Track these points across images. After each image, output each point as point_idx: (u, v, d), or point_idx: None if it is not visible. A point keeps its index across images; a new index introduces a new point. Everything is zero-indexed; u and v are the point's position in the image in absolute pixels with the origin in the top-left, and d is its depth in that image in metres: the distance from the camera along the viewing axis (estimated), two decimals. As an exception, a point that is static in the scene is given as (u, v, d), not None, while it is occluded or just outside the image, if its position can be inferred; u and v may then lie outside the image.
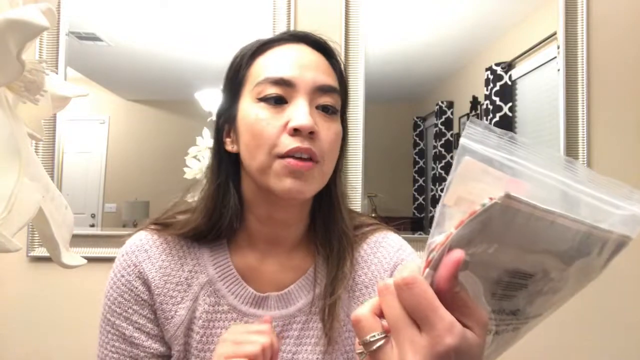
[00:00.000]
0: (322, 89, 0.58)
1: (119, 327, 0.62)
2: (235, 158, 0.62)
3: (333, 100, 0.59)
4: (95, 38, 1.40)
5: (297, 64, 0.58)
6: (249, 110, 0.58)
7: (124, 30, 1.42)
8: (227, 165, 0.63)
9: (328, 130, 0.58)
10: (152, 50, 1.42)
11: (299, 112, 0.55)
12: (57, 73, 1.33)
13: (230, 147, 0.63)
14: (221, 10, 1.39)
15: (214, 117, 1.37)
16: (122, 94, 1.45)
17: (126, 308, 0.62)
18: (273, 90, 0.57)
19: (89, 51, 1.40)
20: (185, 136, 1.38)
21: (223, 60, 0.66)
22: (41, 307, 1.34)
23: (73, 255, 0.46)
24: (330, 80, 0.60)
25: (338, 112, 0.61)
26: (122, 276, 0.63)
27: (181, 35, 1.40)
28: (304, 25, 1.39)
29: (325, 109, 0.59)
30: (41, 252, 1.34)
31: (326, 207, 0.65)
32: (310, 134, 0.55)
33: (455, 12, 1.44)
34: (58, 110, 0.51)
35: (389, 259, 0.66)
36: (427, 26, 1.45)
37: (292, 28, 1.37)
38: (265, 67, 0.59)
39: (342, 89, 0.63)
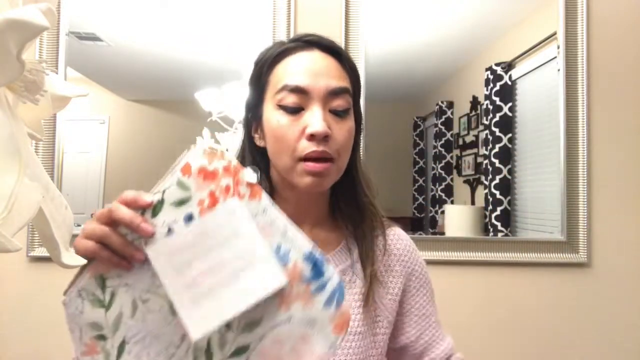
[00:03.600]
0: (334, 93, 0.65)
1: None
2: (264, 151, 0.71)
3: (345, 101, 0.66)
4: (95, 38, 1.40)
5: (311, 71, 0.65)
6: (272, 115, 0.66)
7: (124, 30, 1.42)
8: (257, 156, 0.71)
9: (341, 130, 0.66)
10: (152, 50, 1.42)
11: (314, 120, 0.63)
12: (57, 73, 1.33)
13: (258, 142, 0.71)
14: (221, 10, 1.39)
15: (214, 117, 1.38)
16: (122, 94, 1.45)
17: None
18: (291, 99, 0.65)
19: (89, 51, 1.40)
20: (185, 136, 1.38)
21: (223, 60, 0.67)
22: (41, 307, 1.34)
23: (73, 255, 0.46)
24: (341, 82, 0.66)
25: (350, 109, 0.68)
26: None
27: (181, 35, 1.40)
28: (304, 26, 1.39)
29: (337, 112, 0.66)
30: (41, 252, 1.34)
31: (348, 188, 0.73)
32: (324, 138, 0.63)
33: (455, 12, 1.44)
34: (58, 110, 0.51)
35: (405, 257, 0.76)
36: (427, 26, 1.45)
37: (292, 28, 1.37)
38: (283, 75, 0.66)
39: (354, 83, 0.70)
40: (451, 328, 0.78)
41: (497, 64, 1.44)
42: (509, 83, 1.45)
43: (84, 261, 0.46)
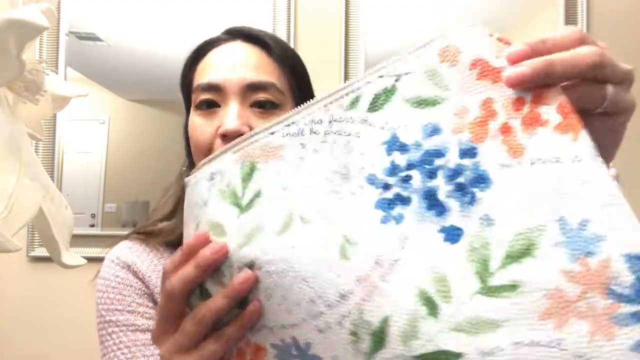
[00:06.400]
0: (254, 87, 0.56)
1: (125, 322, 0.57)
2: None
3: (269, 95, 0.57)
4: (95, 38, 1.40)
5: (226, 65, 0.57)
6: (190, 119, 0.60)
7: (124, 30, 1.42)
8: None
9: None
10: (152, 50, 1.42)
11: (227, 117, 0.54)
12: (57, 73, 1.33)
13: None
14: (221, 11, 1.39)
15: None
16: (122, 94, 1.45)
17: (129, 302, 0.59)
18: (204, 97, 0.57)
19: (89, 51, 1.40)
20: (185, 136, 1.38)
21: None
22: (41, 307, 1.34)
23: (73, 255, 0.46)
24: (263, 75, 0.57)
25: (280, 105, 0.58)
26: (117, 276, 0.61)
27: (181, 35, 1.40)
28: (304, 26, 1.39)
29: (261, 105, 0.57)
30: (41, 252, 1.34)
31: None
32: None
33: (456, 13, 1.43)
34: (58, 110, 0.51)
35: None
36: (427, 26, 1.45)
37: (292, 28, 1.37)
38: (200, 73, 0.60)
39: (291, 76, 0.60)
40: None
41: (497, 64, 1.44)
42: (509, 83, 1.45)
43: (84, 261, 0.46)
